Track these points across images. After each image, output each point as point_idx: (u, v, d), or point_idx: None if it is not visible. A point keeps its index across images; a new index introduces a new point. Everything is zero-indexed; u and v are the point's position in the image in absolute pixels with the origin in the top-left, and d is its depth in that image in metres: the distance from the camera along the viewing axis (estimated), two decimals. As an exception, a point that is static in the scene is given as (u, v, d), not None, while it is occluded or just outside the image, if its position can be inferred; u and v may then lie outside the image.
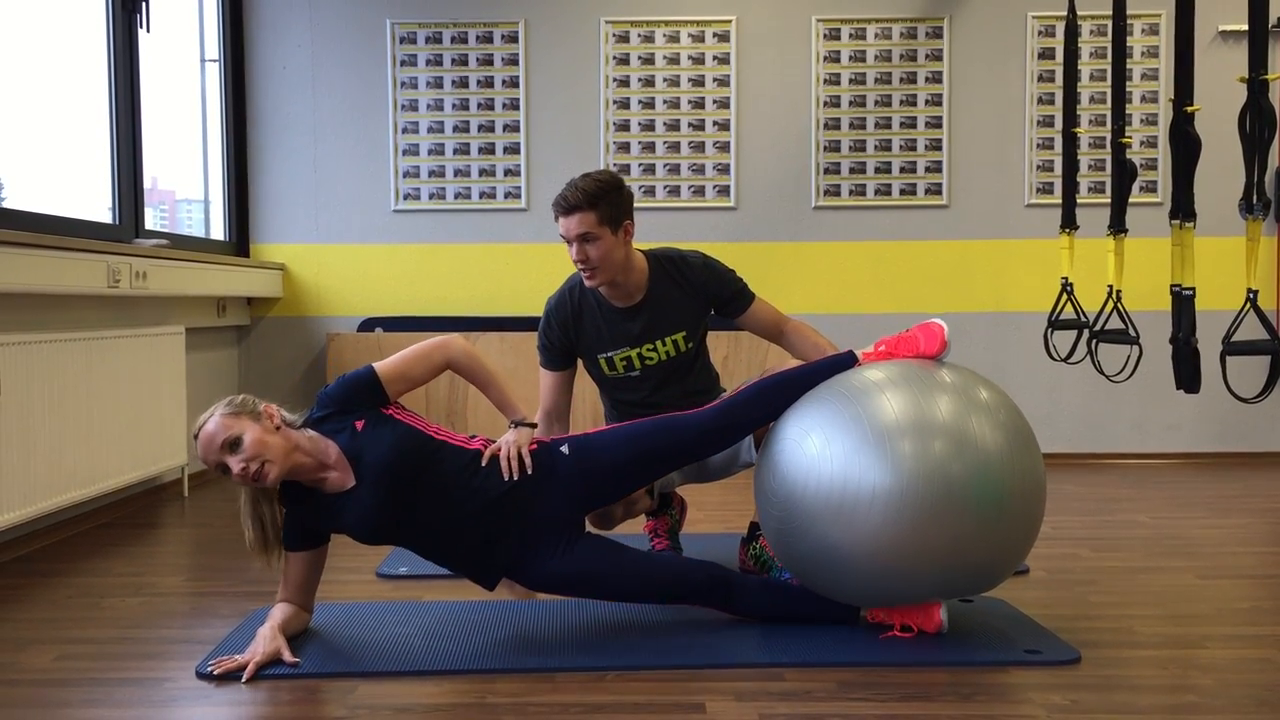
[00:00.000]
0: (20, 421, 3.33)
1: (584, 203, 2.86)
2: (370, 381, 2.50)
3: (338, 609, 2.74)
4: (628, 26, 5.21)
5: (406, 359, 2.55)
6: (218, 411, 2.38)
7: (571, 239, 2.89)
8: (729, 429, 2.62)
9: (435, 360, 2.57)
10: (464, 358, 2.59)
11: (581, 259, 2.90)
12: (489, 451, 2.53)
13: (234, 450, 2.33)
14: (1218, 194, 4.18)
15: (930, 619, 2.46)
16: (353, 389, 2.50)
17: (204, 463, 2.40)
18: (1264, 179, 2.98)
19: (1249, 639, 2.55)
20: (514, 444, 2.53)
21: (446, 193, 5.24)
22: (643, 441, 2.61)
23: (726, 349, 4.84)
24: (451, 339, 2.60)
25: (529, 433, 2.58)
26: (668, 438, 2.61)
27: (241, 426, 2.35)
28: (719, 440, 2.65)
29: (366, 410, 2.48)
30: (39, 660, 2.44)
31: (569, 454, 2.57)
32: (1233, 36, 5.07)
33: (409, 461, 2.43)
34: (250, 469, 2.32)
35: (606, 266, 2.91)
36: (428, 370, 2.57)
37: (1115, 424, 5.26)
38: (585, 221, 2.86)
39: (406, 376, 2.54)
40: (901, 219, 5.25)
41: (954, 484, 2.28)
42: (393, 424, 2.48)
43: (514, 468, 2.50)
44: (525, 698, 2.19)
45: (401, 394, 2.55)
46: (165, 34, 4.65)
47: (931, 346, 2.56)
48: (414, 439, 2.47)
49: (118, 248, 3.89)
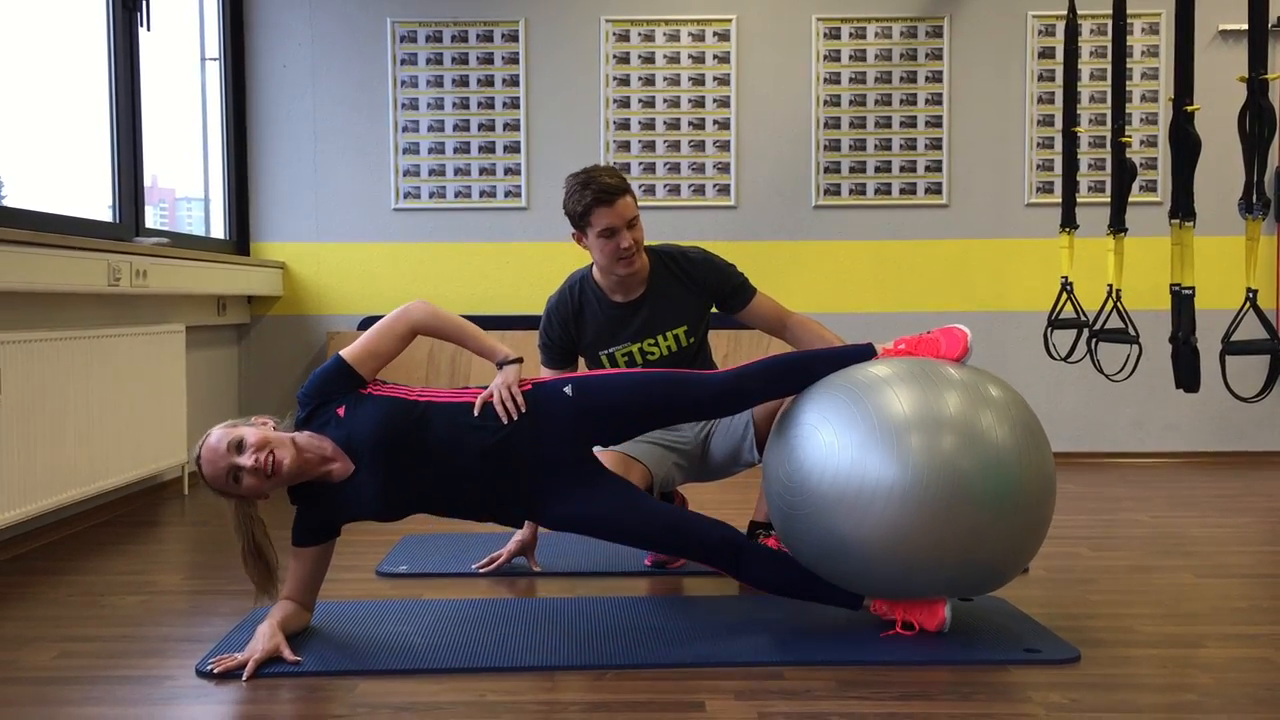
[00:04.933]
0: (20, 420, 3.33)
1: (624, 185, 2.91)
2: (340, 369, 2.51)
3: (338, 607, 2.74)
4: (628, 25, 5.21)
5: (371, 337, 2.54)
6: (213, 429, 2.41)
7: (622, 225, 2.89)
8: (735, 395, 2.61)
9: (399, 330, 2.56)
10: (428, 319, 2.57)
11: (632, 243, 2.92)
12: (480, 400, 2.51)
13: (241, 450, 2.34)
14: (1217, 193, 4.18)
15: (934, 616, 2.46)
16: (326, 381, 2.51)
17: (213, 484, 2.38)
18: (1263, 178, 2.98)
19: (1248, 638, 2.55)
20: (504, 385, 2.51)
21: (447, 191, 5.24)
22: (648, 389, 2.60)
23: (727, 347, 4.84)
24: (411, 304, 2.58)
25: (516, 369, 2.56)
26: (673, 390, 2.60)
27: (240, 430, 2.38)
28: (723, 404, 2.64)
29: (344, 396, 2.49)
30: (40, 658, 2.45)
31: (572, 394, 2.56)
32: (1233, 36, 5.07)
33: (396, 431, 2.44)
34: (262, 458, 2.33)
35: (642, 249, 2.95)
36: (395, 341, 2.56)
37: (1115, 423, 5.27)
38: (630, 204, 2.92)
39: (375, 354, 2.54)
40: (901, 218, 5.25)
41: (964, 480, 2.28)
42: (373, 400, 2.48)
43: (509, 409, 2.49)
44: (525, 696, 2.19)
45: (376, 371, 2.55)
46: (165, 32, 4.65)
47: (953, 350, 2.54)
48: (396, 408, 2.47)
49: (118, 246, 3.89)
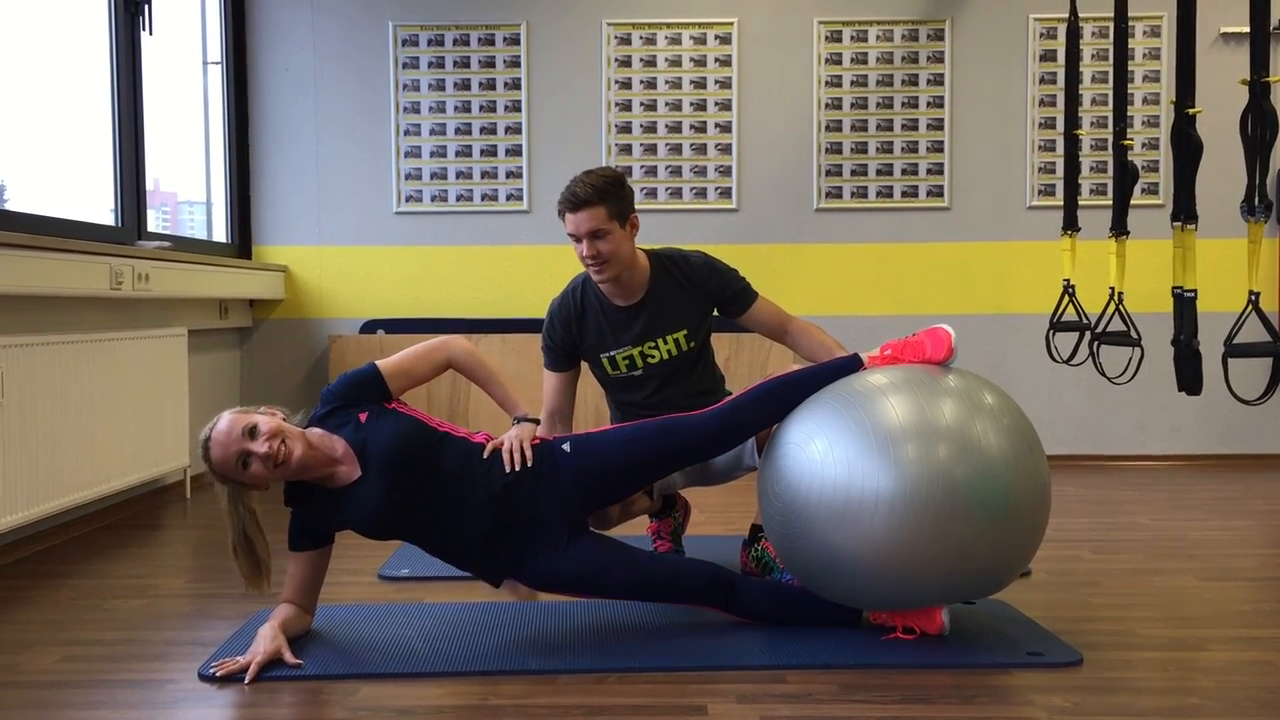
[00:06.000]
0: (23, 423, 3.33)
1: (593, 197, 2.87)
2: (373, 377, 2.55)
3: (340, 611, 2.74)
4: (629, 28, 5.22)
5: (408, 357, 2.60)
6: (225, 413, 2.41)
7: (581, 235, 2.89)
8: (732, 430, 2.62)
9: (437, 359, 2.63)
10: (465, 356, 2.64)
11: (592, 255, 2.90)
12: (491, 445, 2.55)
13: (254, 436, 2.35)
14: (1219, 196, 4.18)
15: (932, 621, 2.47)
16: (356, 385, 2.54)
17: (219, 467, 2.37)
18: (1265, 181, 2.98)
19: (1250, 641, 2.55)
20: (516, 438, 2.56)
21: (448, 195, 5.24)
22: (645, 442, 2.61)
23: (728, 351, 4.84)
24: (452, 339, 2.66)
25: (531, 428, 2.61)
26: (670, 439, 2.61)
27: (254, 417, 2.39)
28: (722, 442, 2.65)
29: (370, 404, 2.51)
30: (42, 662, 2.45)
31: (570, 452, 2.58)
32: (1234, 39, 5.07)
33: (413, 450, 2.45)
34: (275, 446, 2.33)
35: (616, 261, 2.92)
36: (429, 368, 2.63)
37: (1117, 426, 5.26)
38: (595, 217, 2.87)
39: (409, 374, 2.59)
40: (903, 221, 5.25)
41: (958, 488, 2.28)
42: (396, 416, 2.51)
43: (516, 460, 2.51)
44: (527, 700, 2.19)
45: (404, 390, 2.59)
46: (168, 36, 4.66)
47: (938, 352, 2.55)
48: (418, 429, 2.50)
49: (120, 250, 3.89)
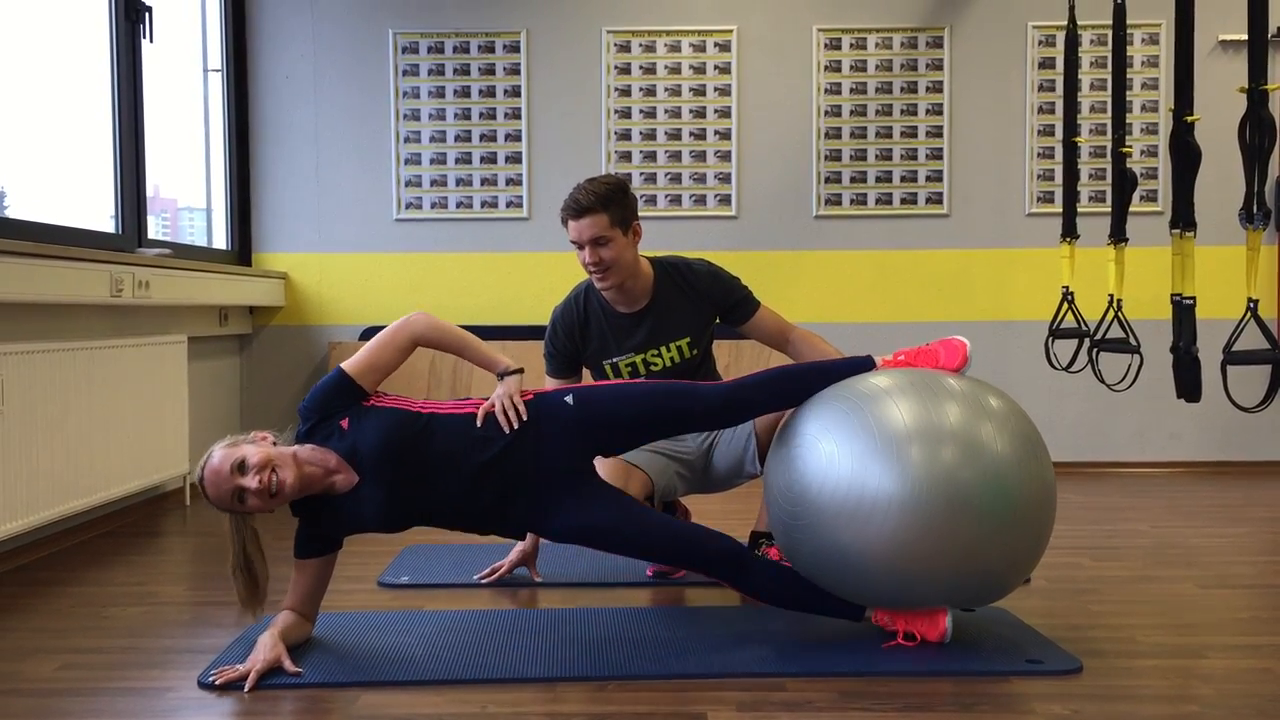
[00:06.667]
0: (23, 431, 3.33)
1: (596, 204, 2.88)
2: (342, 382, 2.51)
3: (339, 618, 2.74)
4: (629, 36, 5.22)
5: (373, 349, 2.54)
6: (214, 448, 2.40)
7: (584, 242, 2.90)
8: (738, 406, 2.62)
9: (400, 341, 2.56)
10: (429, 330, 2.58)
11: (595, 261, 2.91)
12: (482, 411, 2.52)
13: (244, 470, 2.34)
14: (1218, 203, 4.19)
15: (935, 627, 2.46)
16: (328, 394, 2.51)
17: (218, 505, 2.39)
18: (1264, 189, 2.98)
19: (1250, 649, 2.55)
20: (505, 396, 2.52)
21: (448, 202, 5.25)
22: (650, 400, 2.61)
23: (728, 359, 4.85)
24: (412, 316, 2.59)
25: (518, 380, 2.57)
26: (675, 402, 2.61)
27: (241, 450, 2.37)
28: (726, 415, 2.65)
29: (348, 409, 2.49)
30: (41, 670, 2.44)
31: (573, 404, 2.57)
32: (1233, 46, 5.08)
33: (401, 443, 2.44)
34: (265, 478, 2.33)
35: (619, 268, 2.93)
36: (396, 353, 2.55)
37: (1116, 433, 5.26)
38: (598, 224, 2.88)
39: (376, 366, 2.53)
40: (902, 228, 5.26)
41: (964, 491, 2.28)
42: (376, 413, 2.49)
43: (512, 418, 2.49)
44: (526, 707, 2.19)
45: (377, 384, 2.55)
46: (168, 44, 4.67)
47: (952, 361, 2.55)
48: (400, 420, 2.47)
49: (120, 257, 3.90)
